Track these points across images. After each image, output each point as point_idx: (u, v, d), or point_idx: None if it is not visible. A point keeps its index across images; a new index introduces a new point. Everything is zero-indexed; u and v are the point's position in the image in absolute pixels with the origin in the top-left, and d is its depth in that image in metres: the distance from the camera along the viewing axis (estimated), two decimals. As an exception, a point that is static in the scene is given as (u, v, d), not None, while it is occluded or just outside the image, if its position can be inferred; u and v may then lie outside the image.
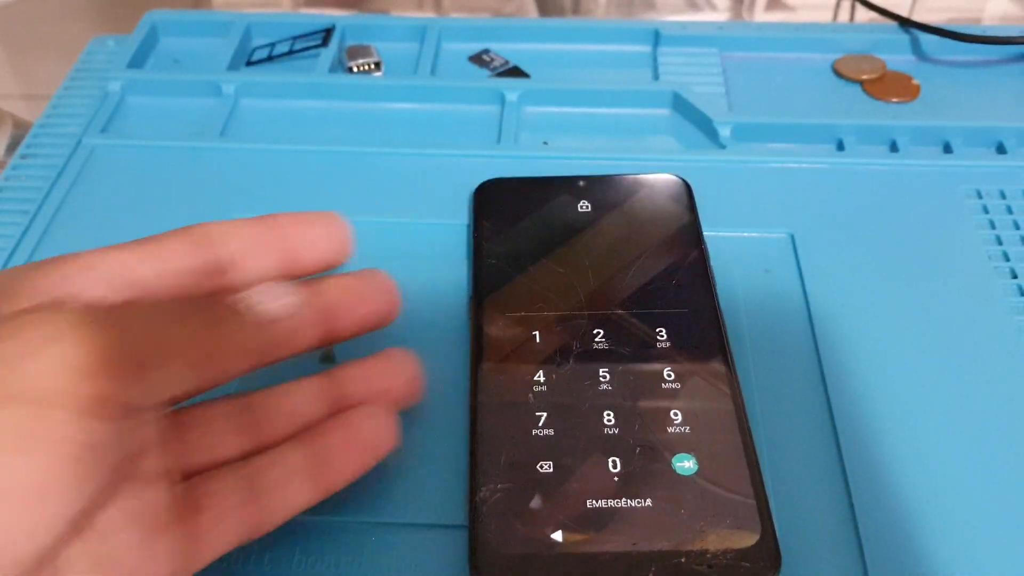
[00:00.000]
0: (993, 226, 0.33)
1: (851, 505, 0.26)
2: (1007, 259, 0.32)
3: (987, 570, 0.24)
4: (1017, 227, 0.33)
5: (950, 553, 0.24)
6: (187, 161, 0.37)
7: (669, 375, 0.28)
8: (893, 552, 0.24)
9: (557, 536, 0.24)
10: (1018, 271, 0.32)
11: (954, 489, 0.26)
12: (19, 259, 0.33)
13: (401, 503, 0.26)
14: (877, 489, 0.26)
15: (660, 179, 0.34)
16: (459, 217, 0.34)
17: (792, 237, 0.33)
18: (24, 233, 0.34)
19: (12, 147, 0.43)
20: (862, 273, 0.32)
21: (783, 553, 0.23)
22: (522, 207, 0.33)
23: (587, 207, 0.33)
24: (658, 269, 0.31)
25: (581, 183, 0.34)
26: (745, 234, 0.33)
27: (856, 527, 0.25)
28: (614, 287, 0.30)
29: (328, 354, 0.30)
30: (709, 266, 0.31)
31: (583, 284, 0.30)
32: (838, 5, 0.54)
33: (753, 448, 0.26)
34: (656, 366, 0.28)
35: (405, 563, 0.25)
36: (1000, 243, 0.33)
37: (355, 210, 0.34)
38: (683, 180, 0.34)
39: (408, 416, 0.28)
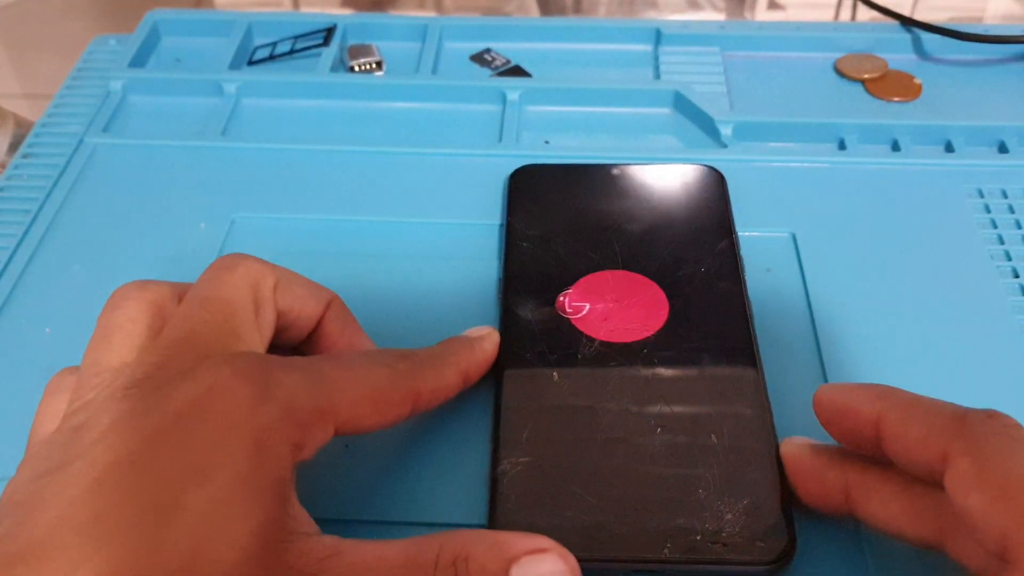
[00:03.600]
0: (995, 225, 0.33)
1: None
2: (1009, 258, 0.32)
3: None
4: (1019, 226, 0.33)
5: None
6: (189, 160, 0.37)
7: (694, 357, 0.28)
8: (894, 549, 0.24)
9: (575, 509, 0.24)
10: (1019, 270, 0.32)
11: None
12: (21, 258, 0.33)
13: (405, 503, 0.26)
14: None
15: (693, 169, 0.34)
16: (460, 216, 0.34)
17: (794, 236, 0.33)
18: (26, 232, 0.34)
19: (14, 146, 0.43)
20: (864, 272, 0.32)
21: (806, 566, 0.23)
22: (555, 193, 0.34)
23: (619, 195, 0.33)
24: (687, 256, 0.31)
25: (614, 171, 0.34)
26: (747, 233, 0.33)
27: (857, 525, 0.25)
28: (643, 273, 0.30)
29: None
30: (739, 254, 0.31)
31: (613, 269, 0.31)
32: (839, 4, 0.54)
33: (774, 433, 0.26)
34: (681, 347, 0.28)
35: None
36: (1002, 242, 0.33)
37: (357, 209, 0.35)
38: (716, 171, 0.34)
39: (426, 417, 0.28)
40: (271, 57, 0.43)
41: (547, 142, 0.38)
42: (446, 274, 0.32)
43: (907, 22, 0.43)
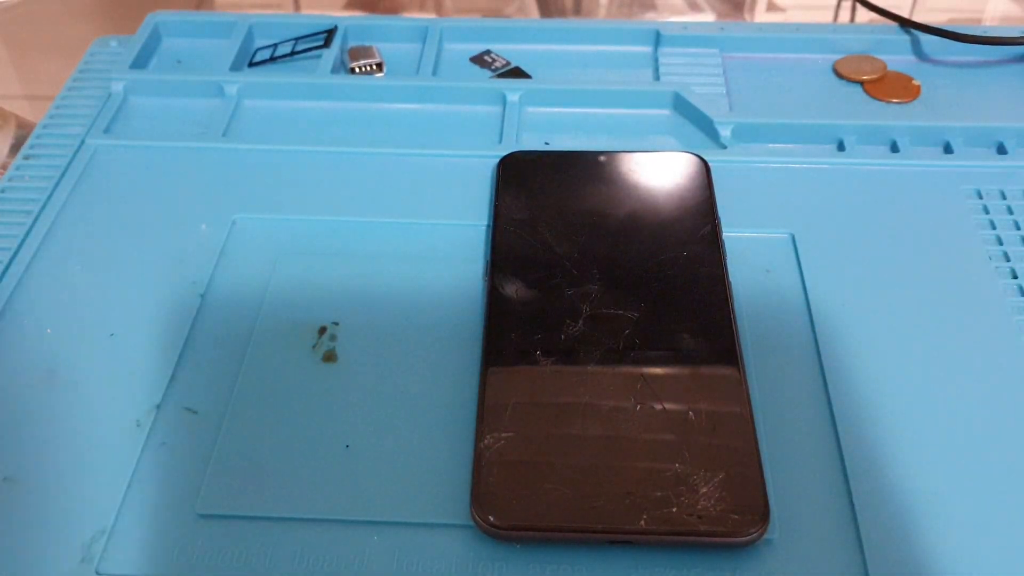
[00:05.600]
0: (993, 226, 0.34)
1: (851, 503, 0.26)
2: (1007, 259, 0.32)
3: (975, 557, 0.24)
4: (1017, 227, 0.33)
5: (946, 549, 0.25)
6: (190, 162, 0.37)
7: (674, 338, 0.29)
8: (891, 545, 0.25)
9: (556, 482, 0.25)
10: (1018, 271, 0.32)
11: (953, 487, 0.26)
12: (22, 259, 0.33)
13: (405, 503, 0.26)
14: (876, 486, 0.26)
15: (678, 156, 0.35)
16: (461, 217, 0.34)
17: (793, 237, 0.33)
18: (28, 233, 0.34)
19: (16, 147, 0.43)
20: (863, 273, 0.32)
21: (791, 548, 0.23)
22: (543, 178, 0.34)
23: (606, 181, 0.34)
24: (670, 240, 0.32)
25: (601, 158, 0.35)
26: (746, 234, 0.33)
27: (855, 519, 0.25)
28: (627, 256, 0.31)
29: (330, 354, 0.30)
30: (721, 239, 0.32)
31: (597, 252, 0.31)
32: (838, 6, 0.54)
33: (751, 411, 0.27)
34: (662, 330, 0.29)
35: (408, 563, 0.25)
36: (1000, 243, 0.33)
37: (358, 210, 0.35)
38: (700, 158, 0.35)
39: (414, 416, 0.28)
40: (272, 59, 0.43)
41: (547, 143, 0.38)
42: (448, 275, 0.32)
43: (906, 23, 0.43)
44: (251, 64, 0.43)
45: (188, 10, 0.46)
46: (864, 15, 0.48)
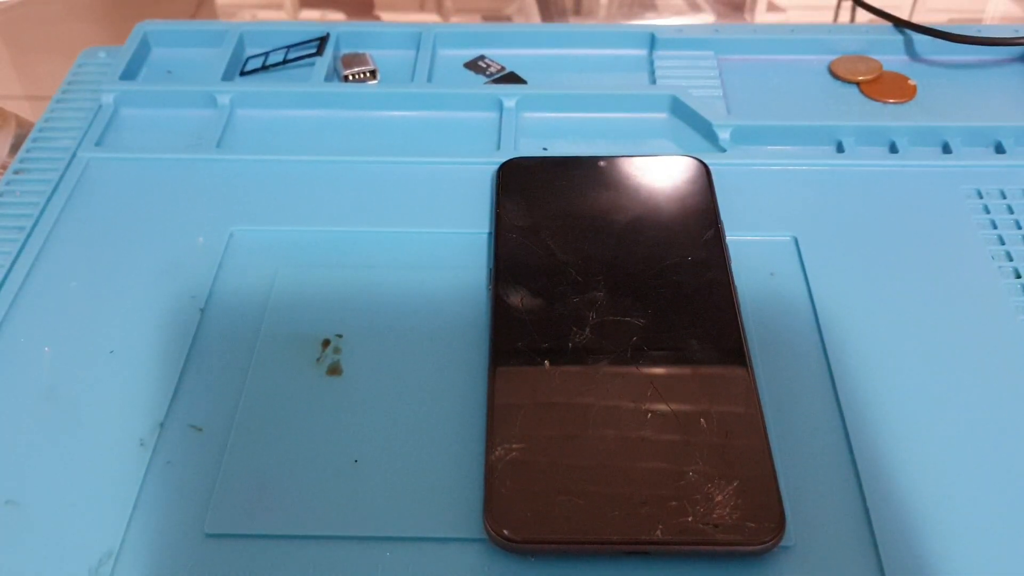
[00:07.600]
0: (994, 226, 0.34)
1: (865, 507, 0.26)
2: (1010, 259, 0.32)
3: (991, 560, 0.24)
4: (1018, 226, 0.33)
5: (958, 548, 0.25)
6: (184, 173, 0.37)
7: (683, 344, 0.28)
8: (907, 549, 0.25)
9: (569, 493, 0.25)
10: (1021, 270, 0.32)
11: (961, 486, 0.26)
12: (16, 275, 0.33)
13: (416, 517, 0.26)
14: (888, 487, 0.26)
15: (679, 160, 0.35)
16: (461, 225, 0.34)
17: (796, 240, 0.33)
18: (21, 249, 0.34)
19: (16, 147, 0.42)
20: (866, 274, 0.32)
21: (808, 554, 0.23)
22: (543, 185, 0.34)
23: (607, 186, 0.34)
24: (674, 245, 0.32)
25: (601, 163, 0.35)
26: (749, 237, 0.33)
27: (870, 524, 0.25)
28: (631, 262, 0.31)
29: (335, 367, 0.29)
30: (724, 243, 0.32)
31: (601, 259, 0.31)
32: (838, 7, 0.54)
33: (762, 416, 0.26)
34: (670, 336, 0.29)
35: (420, 577, 0.24)
36: (1002, 243, 0.33)
37: (353, 220, 0.35)
38: (701, 161, 0.35)
39: (423, 428, 0.28)
40: (264, 67, 0.42)
41: (545, 149, 0.38)
42: (451, 284, 0.32)
43: (900, 23, 0.43)
44: (243, 73, 0.42)
45: (177, 20, 0.46)
46: (863, 16, 0.48)
